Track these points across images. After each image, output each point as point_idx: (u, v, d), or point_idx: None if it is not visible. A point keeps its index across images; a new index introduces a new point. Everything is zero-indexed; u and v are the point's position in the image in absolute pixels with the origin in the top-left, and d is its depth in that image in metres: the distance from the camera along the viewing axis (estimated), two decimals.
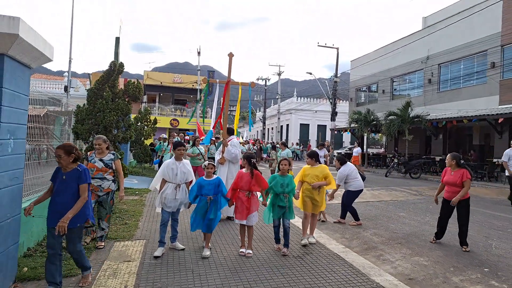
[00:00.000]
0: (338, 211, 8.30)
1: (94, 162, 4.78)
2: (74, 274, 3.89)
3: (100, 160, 4.79)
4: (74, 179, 3.41)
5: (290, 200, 4.91)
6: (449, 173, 5.59)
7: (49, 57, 3.74)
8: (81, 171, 3.46)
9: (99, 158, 4.82)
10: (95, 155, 4.85)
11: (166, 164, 4.84)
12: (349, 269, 4.32)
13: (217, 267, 4.25)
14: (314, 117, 37.09)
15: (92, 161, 4.80)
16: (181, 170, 4.75)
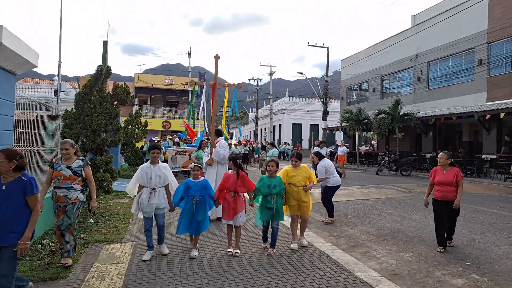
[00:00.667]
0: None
1: (60, 170, 4.21)
2: (63, 277, 3.94)
3: (67, 168, 4.23)
4: (18, 190, 3.04)
5: (278, 202, 4.88)
6: (441, 173, 5.39)
7: (34, 63, 3.79)
8: (26, 180, 3.09)
9: (66, 165, 4.25)
10: (61, 162, 4.27)
11: (141, 168, 4.72)
12: (334, 266, 4.43)
13: (205, 267, 4.34)
14: (306, 117, 37.31)
15: (58, 168, 4.22)
16: (156, 173, 4.59)
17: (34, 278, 3.87)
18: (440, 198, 5.36)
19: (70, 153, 4.27)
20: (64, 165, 4.26)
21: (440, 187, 5.35)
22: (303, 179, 5.13)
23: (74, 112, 6.53)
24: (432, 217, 7.56)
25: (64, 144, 4.34)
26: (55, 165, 4.28)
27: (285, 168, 5.27)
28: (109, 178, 6.57)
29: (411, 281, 4.23)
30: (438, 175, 5.42)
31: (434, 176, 5.47)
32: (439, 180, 5.36)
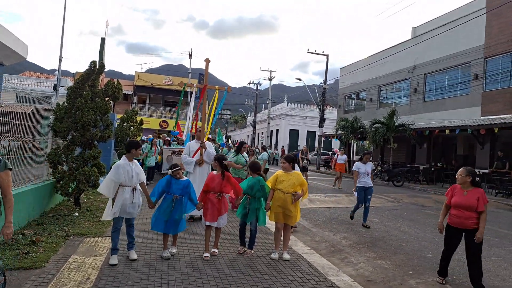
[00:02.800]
0: (314, 214, 8.52)
1: None
2: (39, 267, 3.99)
3: None
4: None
5: (253, 203, 4.79)
6: (460, 193, 4.34)
7: (22, 55, 3.88)
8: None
9: None
10: None
11: (118, 166, 4.34)
12: (309, 269, 4.48)
13: (180, 264, 4.39)
14: (304, 123, 37.44)
15: None
16: (135, 171, 4.44)
17: (10, 266, 3.92)
18: (455, 225, 4.34)
19: None
20: None
21: (456, 211, 4.31)
22: (291, 186, 4.71)
23: (66, 106, 6.60)
24: (415, 227, 7.71)
25: None
26: None
27: (276, 172, 4.94)
28: (96, 173, 6.63)
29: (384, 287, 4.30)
30: (456, 195, 4.37)
31: (451, 196, 4.44)
32: (457, 202, 4.31)
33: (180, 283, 3.81)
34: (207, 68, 6.72)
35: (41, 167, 6.75)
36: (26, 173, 6.05)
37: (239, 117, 62.47)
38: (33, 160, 7.00)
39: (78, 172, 6.59)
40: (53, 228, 5.41)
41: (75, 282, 3.67)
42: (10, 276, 3.71)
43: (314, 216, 8.42)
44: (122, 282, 3.75)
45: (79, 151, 6.87)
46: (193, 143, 6.73)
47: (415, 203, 11.61)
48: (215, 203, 4.64)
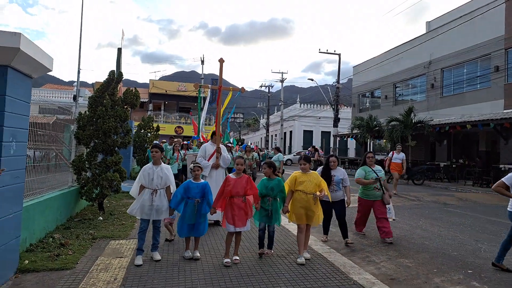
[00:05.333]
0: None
1: None
2: (69, 268, 4.17)
3: None
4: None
5: (274, 204, 4.74)
6: None
7: (48, 67, 4.08)
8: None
9: None
10: None
11: (143, 168, 4.68)
12: (330, 268, 4.50)
13: (202, 263, 4.50)
14: (317, 124, 37.25)
15: None
16: (158, 174, 4.53)
17: (43, 267, 4.12)
18: None
19: None
20: None
21: None
22: (313, 186, 4.73)
23: (88, 114, 6.85)
24: (438, 225, 7.58)
25: None
26: None
27: (294, 174, 4.90)
28: (118, 178, 6.84)
29: (407, 286, 4.25)
30: None
31: None
32: None
33: (203, 282, 3.90)
34: (221, 69, 6.73)
35: (66, 174, 7.02)
36: (52, 181, 6.32)
37: (252, 120, 62.64)
38: (57, 168, 7.29)
39: (101, 177, 6.81)
40: (80, 232, 5.63)
41: (103, 282, 3.82)
42: (44, 276, 3.90)
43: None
44: (147, 281, 3.88)
45: (101, 158, 7.10)
46: (209, 146, 6.79)
47: (436, 201, 11.39)
48: (242, 207, 4.51)
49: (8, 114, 3.57)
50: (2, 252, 3.64)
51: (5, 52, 3.39)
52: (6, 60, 3.46)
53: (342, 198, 5.85)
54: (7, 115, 3.55)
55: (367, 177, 6.13)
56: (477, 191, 14.24)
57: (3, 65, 3.49)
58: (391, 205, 6.27)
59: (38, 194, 5.42)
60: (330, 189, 5.55)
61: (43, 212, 5.33)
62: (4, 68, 3.50)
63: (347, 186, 5.83)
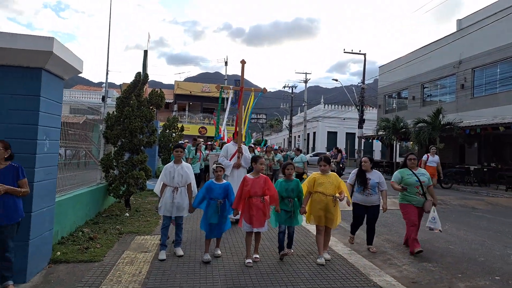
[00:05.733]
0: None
1: None
2: (97, 260, 4.39)
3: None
4: (11, 175, 3.40)
5: (296, 205, 4.74)
6: None
7: (79, 69, 4.32)
8: (18, 166, 3.46)
9: None
10: None
11: (165, 167, 4.83)
12: (350, 269, 4.48)
13: (223, 260, 4.60)
14: (342, 125, 36.70)
15: None
16: (179, 173, 4.69)
17: (74, 259, 4.35)
18: None
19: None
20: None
21: None
22: (332, 188, 4.68)
23: (115, 114, 7.14)
24: (464, 230, 7.32)
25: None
26: None
27: (313, 175, 4.86)
28: (143, 176, 7.08)
29: None
30: None
31: None
32: None
33: (224, 278, 3.99)
34: (242, 70, 6.82)
35: (95, 172, 7.35)
36: (81, 178, 6.64)
37: (275, 121, 62.60)
38: (86, 165, 7.64)
39: (128, 175, 7.07)
40: (108, 227, 5.88)
41: (129, 275, 3.99)
42: (74, 267, 4.13)
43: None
44: (170, 275, 4.02)
45: (127, 156, 7.37)
46: (231, 146, 6.92)
47: (464, 205, 10.98)
48: (261, 207, 4.49)
49: (42, 114, 3.81)
50: (37, 243, 3.89)
51: (39, 56, 3.63)
52: (40, 63, 3.70)
53: (377, 203, 5.51)
54: (41, 115, 3.79)
55: (405, 181, 5.60)
56: (510, 196, 13.60)
57: (38, 67, 3.73)
58: (435, 214, 5.57)
59: (69, 190, 5.72)
60: (365, 193, 5.39)
61: (74, 207, 5.62)
62: (38, 70, 3.75)
63: (384, 191, 5.51)
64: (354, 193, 5.57)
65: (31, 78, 3.71)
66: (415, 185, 5.52)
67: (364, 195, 5.44)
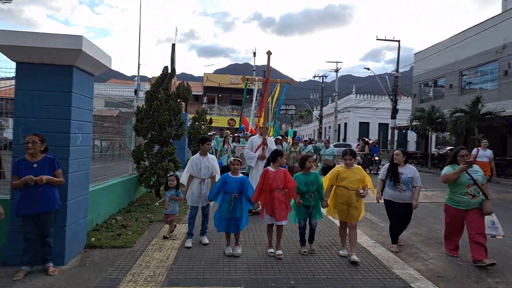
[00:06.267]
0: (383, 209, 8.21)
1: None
2: (128, 246, 4.66)
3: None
4: (47, 167, 3.66)
5: (316, 199, 4.63)
6: None
7: (107, 65, 4.54)
8: (53, 158, 3.72)
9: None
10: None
11: (191, 159, 4.95)
12: (373, 261, 4.44)
13: (246, 249, 4.72)
14: (374, 115, 35.62)
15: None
16: (205, 164, 4.81)
17: (107, 245, 4.65)
18: None
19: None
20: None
21: None
22: (356, 182, 4.52)
23: (145, 108, 7.43)
24: (501, 224, 6.92)
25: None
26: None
27: (336, 168, 4.75)
28: (172, 167, 7.35)
29: (455, 284, 4.05)
30: None
31: None
32: None
33: (246, 267, 4.11)
34: (268, 61, 6.79)
35: (127, 163, 7.72)
36: (115, 168, 7.02)
37: (305, 112, 61.86)
38: (120, 157, 8.04)
39: (157, 167, 7.37)
40: (139, 215, 6.20)
41: (157, 260, 4.22)
42: (107, 252, 4.42)
43: (383, 211, 8.09)
44: (195, 262, 4.21)
45: (157, 148, 7.67)
46: (256, 138, 7.00)
47: (503, 199, 10.40)
48: (283, 200, 4.48)
49: (75, 109, 4.07)
50: (74, 229, 4.20)
51: (70, 54, 3.87)
52: (71, 61, 3.94)
53: (410, 200, 5.10)
54: (73, 110, 4.05)
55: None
56: None
57: (69, 65, 3.98)
58: (494, 217, 4.75)
59: (105, 180, 6.07)
60: (397, 188, 5.02)
61: (108, 197, 5.96)
62: (69, 68, 3.99)
63: (417, 186, 5.06)
64: (385, 189, 5.18)
65: (63, 75, 3.97)
66: (467, 184, 4.76)
67: (396, 191, 5.04)
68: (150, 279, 3.67)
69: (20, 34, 3.79)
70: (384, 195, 5.20)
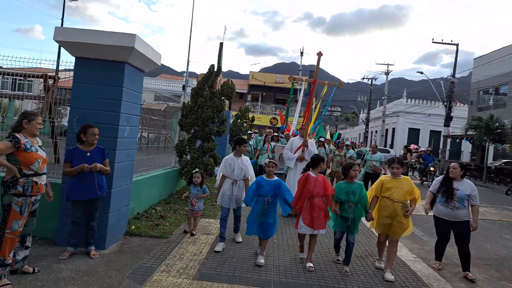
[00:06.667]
0: (427, 222, 7.74)
1: (36, 151, 3.32)
2: (165, 237, 4.84)
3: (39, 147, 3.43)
4: (98, 155, 3.93)
5: (356, 211, 4.26)
6: None
7: (157, 62, 4.74)
8: (103, 148, 4.01)
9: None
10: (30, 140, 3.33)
11: (225, 159, 4.84)
12: (411, 277, 4.21)
13: (279, 250, 4.71)
14: (426, 122, 33.62)
15: (33, 148, 3.30)
16: (238, 166, 4.71)
17: (145, 234, 4.87)
18: None
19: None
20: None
21: None
22: (402, 194, 4.15)
23: (190, 104, 7.67)
24: None
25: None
26: (26, 144, 3.27)
27: (381, 178, 4.44)
28: (212, 163, 7.52)
29: None
30: None
31: None
32: None
33: (277, 269, 4.09)
34: (318, 62, 6.63)
35: (170, 156, 8.02)
36: (160, 160, 7.34)
37: (351, 114, 60.08)
38: (165, 149, 8.38)
39: (198, 161, 7.58)
40: (177, 207, 6.42)
41: (191, 253, 4.34)
42: (145, 241, 4.63)
43: (427, 224, 7.66)
44: (227, 259, 4.26)
45: (199, 144, 7.88)
46: (296, 140, 6.94)
47: None
48: (322, 208, 4.27)
49: (124, 102, 4.30)
50: (116, 216, 4.45)
51: (123, 51, 4.09)
52: (124, 57, 4.17)
53: (466, 219, 4.58)
54: (123, 103, 4.28)
55: None
56: None
57: (121, 61, 4.21)
58: None
59: (149, 171, 6.36)
60: (449, 205, 4.52)
61: (150, 187, 6.25)
62: (122, 64, 4.22)
63: (476, 205, 4.58)
64: (436, 204, 4.70)
65: (116, 70, 4.21)
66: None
67: (448, 208, 4.53)
68: (183, 271, 3.78)
69: (78, 32, 4.08)
70: (434, 210, 4.72)
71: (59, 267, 3.62)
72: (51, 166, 4.61)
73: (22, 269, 3.41)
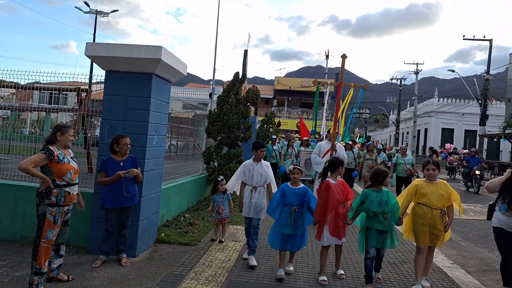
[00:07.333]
0: (465, 227, 7.36)
1: (68, 162, 3.43)
2: (194, 244, 4.89)
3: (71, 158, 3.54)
4: (131, 164, 4.05)
5: (391, 222, 3.88)
6: None
7: (183, 73, 4.85)
8: (135, 157, 4.14)
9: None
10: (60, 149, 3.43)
11: (243, 165, 4.56)
12: (448, 284, 4.00)
13: (308, 258, 4.62)
14: (460, 121, 32.16)
15: (65, 160, 3.40)
16: (258, 171, 4.39)
17: (174, 241, 4.95)
18: None
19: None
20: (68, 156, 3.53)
21: None
22: (440, 199, 3.78)
23: (216, 111, 7.77)
24: None
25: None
26: (59, 155, 3.37)
27: (415, 182, 4.04)
28: None
29: None
30: None
31: None
32: None
33: (307, 277, 4.01)
34: (343, 65, 6.54)
35: (198, 163, 8.15)
36: (188, 167, 7.46)
37: (380, 116, 58.54)
38: (193, 156, 8.52)
39: (225, 168, 7.64)
40: (206, 214, 6.47)
41: (219, 261, 4.35)
42: (174, 248, 4.70)
43: (465, 229, 7.29)
44: (255, 267, 4.21)
45: (226, 150, 7.95)
46: (324, 144, 6.83)
47: None
48: (345, 215, 4.02)
49: (152, 112, 4.42)
50: (146, 224, 4.55)
51: (150, 62, 4.21)
52: (151, 69, 4.29)
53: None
54: (151, 113, 4.40)
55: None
56: None
57: (149, 73, 4.33)
58: None
59: (177, 179, 6.48)
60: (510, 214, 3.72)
61: (178, 195, 6.36)
62: (149, 75, 4.35)
63: None
64: (496, 213, 3.92)
65: (143, 82, 4.34)
66: None
67: (511, 217, 3.75)
68: (211, 279, 3.79)
69: (107, 46, 4.25)
70: (493, 221, 3.95)
71: (91, 275, 3.74)
72: (84, 176, 4.79)
73: (58, 277, 3.51)
